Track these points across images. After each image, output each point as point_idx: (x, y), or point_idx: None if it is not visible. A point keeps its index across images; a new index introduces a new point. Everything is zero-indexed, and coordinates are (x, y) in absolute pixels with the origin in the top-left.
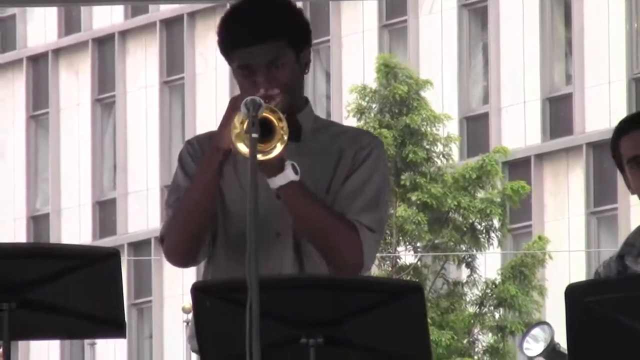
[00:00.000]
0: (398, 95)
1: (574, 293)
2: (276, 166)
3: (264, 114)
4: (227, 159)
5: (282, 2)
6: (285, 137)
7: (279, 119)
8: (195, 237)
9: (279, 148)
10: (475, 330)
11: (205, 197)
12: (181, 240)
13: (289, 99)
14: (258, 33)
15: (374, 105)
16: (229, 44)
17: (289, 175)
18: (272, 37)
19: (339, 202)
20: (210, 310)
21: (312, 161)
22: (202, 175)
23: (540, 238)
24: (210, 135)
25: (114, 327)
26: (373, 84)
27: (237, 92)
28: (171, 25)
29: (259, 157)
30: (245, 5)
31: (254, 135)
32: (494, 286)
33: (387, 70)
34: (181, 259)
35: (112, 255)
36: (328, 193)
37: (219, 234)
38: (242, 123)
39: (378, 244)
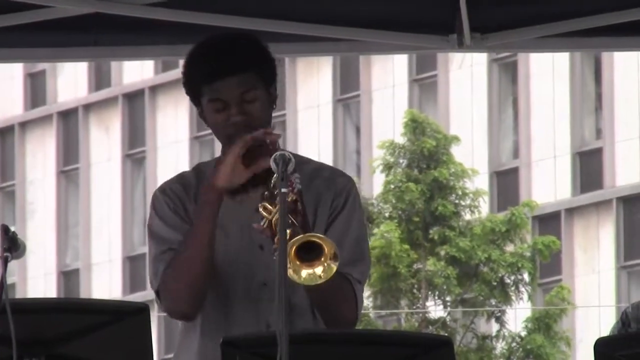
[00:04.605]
0: (426, 150)
1: (603, 347)
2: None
3: (318, 241)
4: (222, 198)
5: (248, 37)
6: (334, 267)
7: (331, 247)
8: (201, 286)
9: (319, 270)
10: None
11: (208, 243)
12: (186, 291)
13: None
14: (228, 64)
15: (401, 161)
16: (198, 78)
17: None
18: (243, 68)
19: None
20: None
21: None
22: (202, 221)
23: (562, 287)
24: (179, 180)
25: None
26: (401, 139)
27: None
28: None
29: (296, 277)
30: (212, 41)
31: (284, 190)
32: (519, 339)
33: (415, 126)
34: (188, 311)
35: (141, 310)
36: None
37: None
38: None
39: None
